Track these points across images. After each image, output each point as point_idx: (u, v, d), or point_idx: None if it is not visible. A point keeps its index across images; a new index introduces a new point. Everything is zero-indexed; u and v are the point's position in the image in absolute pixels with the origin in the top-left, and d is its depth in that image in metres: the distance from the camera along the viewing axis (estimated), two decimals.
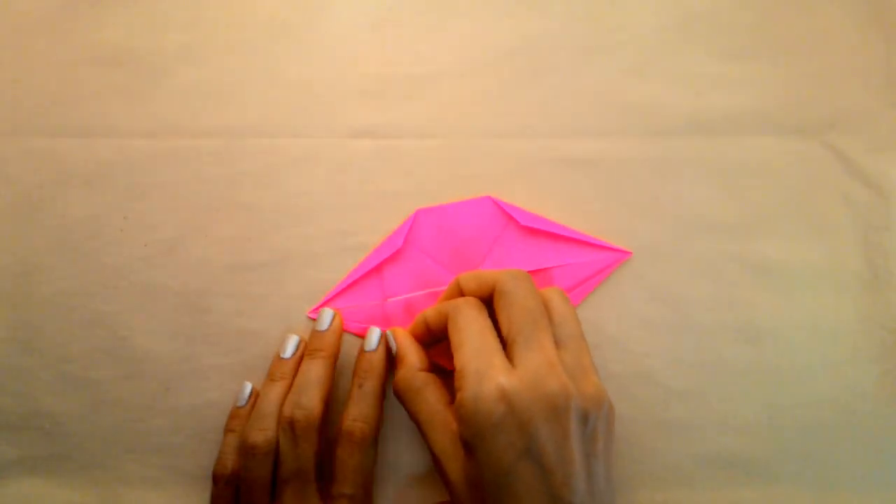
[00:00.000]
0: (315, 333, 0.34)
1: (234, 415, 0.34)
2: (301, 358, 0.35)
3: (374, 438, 0.32)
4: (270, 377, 0.34)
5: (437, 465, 0.30)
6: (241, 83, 0.37)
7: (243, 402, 0.34)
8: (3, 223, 0.37)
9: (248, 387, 0.35)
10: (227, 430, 0.34)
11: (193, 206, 0.37)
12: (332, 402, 0.35)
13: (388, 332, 0.34)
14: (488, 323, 0.31)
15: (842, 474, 0.34)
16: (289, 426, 0.32)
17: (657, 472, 0.35)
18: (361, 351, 0.34)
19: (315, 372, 0.33)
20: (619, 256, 0.36)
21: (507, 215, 0.36)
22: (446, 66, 0.37)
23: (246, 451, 0.32)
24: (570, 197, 0.36)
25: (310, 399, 0.32)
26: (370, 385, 0.33)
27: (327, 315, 0.35)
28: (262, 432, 0.32)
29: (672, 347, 0.35)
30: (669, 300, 0.36)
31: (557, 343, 0.30)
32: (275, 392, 0.33)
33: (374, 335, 0.34)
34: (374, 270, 0.36)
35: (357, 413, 0.32)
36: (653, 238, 0.36)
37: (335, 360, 0.34)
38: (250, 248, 0.36)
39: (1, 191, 0.37)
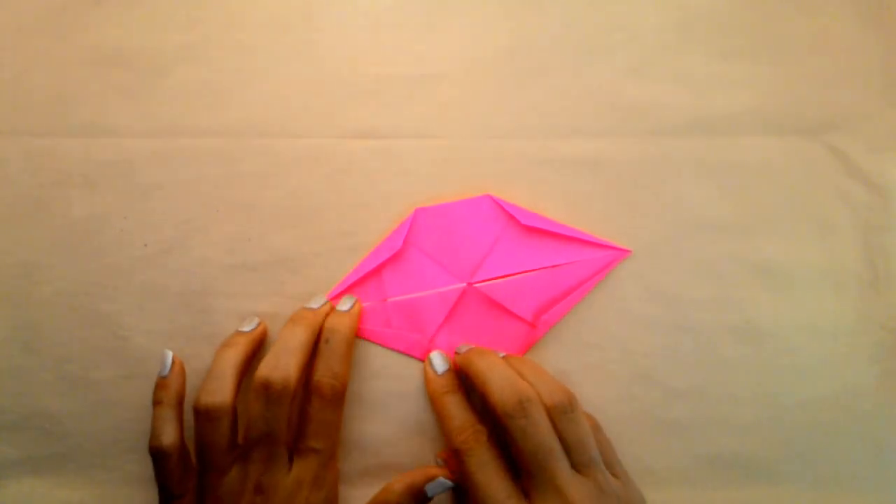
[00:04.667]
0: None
1: (159, 385, 0.33)
2: (254, 335, 0.34)
3: (343, 394, 0.33)
4: (226, 344, 0.34)
5: None
6: (241, 83, 0.37)
7: (166, 372, 0.34)
8: (3, 223, 0.37)
9: (169, 355, 0.34)
10: (155, 402, 0.33)
11: (193, 206, 0.37)
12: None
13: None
14: (499, 467, 0.31)
15: (842, 474, 0.34)
16: (263, 389, 0.31)
17: (657, 472, 0.35)
18: (332, 309, 0.35)
19: (298, 339, 0.33)
20: (619, 255, 0.36)
21: (507, 214, 0.36)
22: (446, 66, 0.37)
23: (201, 414, 0.31)
24: (570, 197, 0.36)
25: (288, 364, 0.32)
26: (337, 341, 0.33)
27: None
28: (218, 394, 0.31)
29: (672, 347, 0.35)
30: (669, 300, 0.36)
31: (576, 468, 0.30)
32: (230, 355, 0.33)
33: (348, 300, 0.35)
34: (374, 271, 0.36)
35: (325, 369, 0.32)
36: (653, 238, 0.36)
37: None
38: (250, 248, 0.36)
39: (1, 191, 0.37)
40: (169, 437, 0.32)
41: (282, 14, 0.38)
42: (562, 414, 0.31)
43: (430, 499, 0.32)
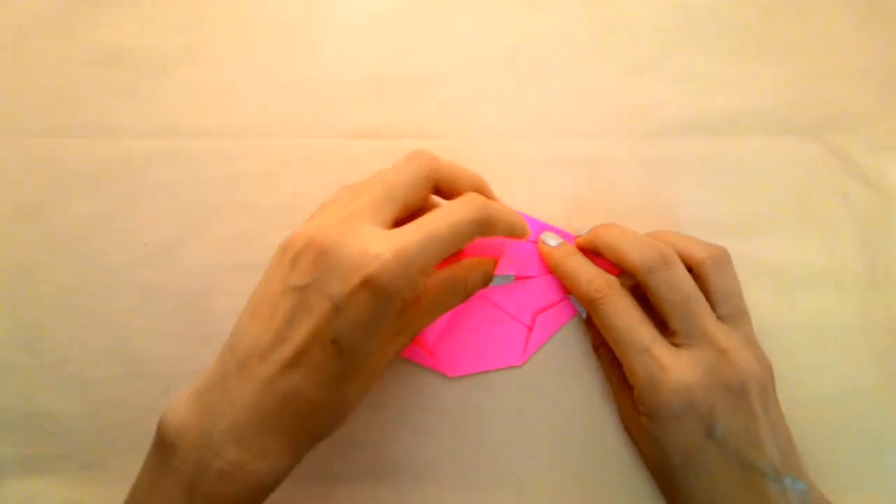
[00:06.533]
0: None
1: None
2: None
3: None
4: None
5: (624, 426, 0.33)
6: (241, 83, 0.37)
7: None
8: (3, 223, 0.37)
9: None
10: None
11: (193, 206, 0.37)
12: None
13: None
14: (639, 313, 0.31)
15: (842, 474, 0.34)
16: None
17: None
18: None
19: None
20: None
21: None
22: (446, 66, 0.37)
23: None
24: (570, 197, 0.36)
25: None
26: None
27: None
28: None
29: None
30: None
31: (724, 319, 0.31)
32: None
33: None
34: None
35: None
36: None
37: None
38: (250, 248, 0.36)
39: (1, 191, 0.37)
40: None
41: (282, 14, 0.38)
42: (719, 264, 0.31)
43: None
